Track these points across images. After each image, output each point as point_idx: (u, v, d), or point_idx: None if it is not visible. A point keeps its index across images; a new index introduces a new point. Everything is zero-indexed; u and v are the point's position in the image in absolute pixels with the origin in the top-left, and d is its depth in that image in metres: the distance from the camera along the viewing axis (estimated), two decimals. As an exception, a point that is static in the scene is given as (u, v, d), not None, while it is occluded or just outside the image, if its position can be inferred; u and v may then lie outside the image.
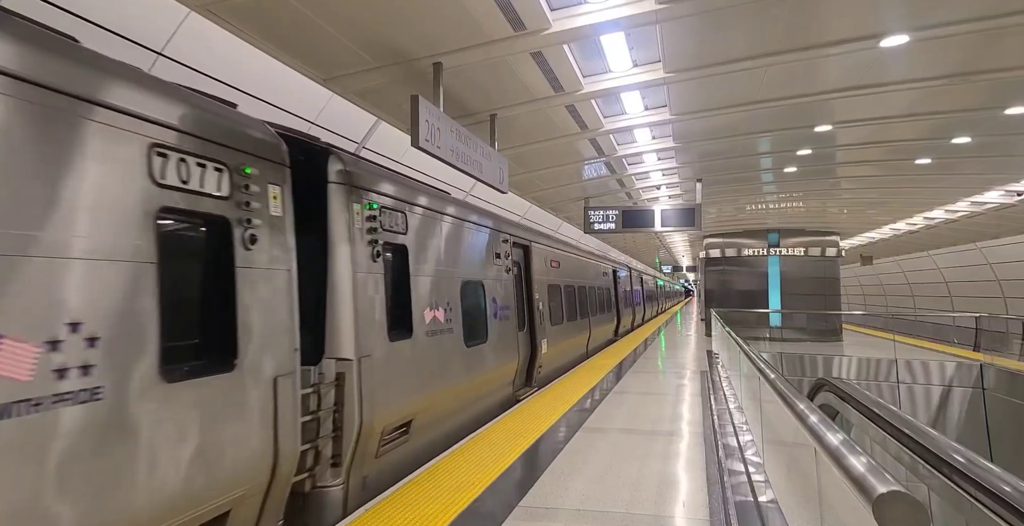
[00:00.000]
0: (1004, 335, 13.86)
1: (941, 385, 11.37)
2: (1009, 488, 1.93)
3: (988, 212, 14.84)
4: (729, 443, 5.02)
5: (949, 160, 10.44)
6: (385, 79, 5.77)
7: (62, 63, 2.26)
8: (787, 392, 2.77)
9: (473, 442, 4.99)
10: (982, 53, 5.96)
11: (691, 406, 6.70)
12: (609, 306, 15.17)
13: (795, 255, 18.15)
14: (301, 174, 3.56)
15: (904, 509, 1.24)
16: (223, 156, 2.93)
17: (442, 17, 4.81)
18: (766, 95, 7.19)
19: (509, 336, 7.00)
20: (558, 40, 5.35)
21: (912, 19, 5.24)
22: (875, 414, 3.53)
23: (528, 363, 7.99)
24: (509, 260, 7.22)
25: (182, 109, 2.74)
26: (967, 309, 20.81)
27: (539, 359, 8.12)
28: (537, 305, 8.29)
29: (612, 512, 3.48)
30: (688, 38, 5.67)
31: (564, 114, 7.61)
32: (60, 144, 2.20)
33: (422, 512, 3.46)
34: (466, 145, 5.83)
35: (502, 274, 6.95)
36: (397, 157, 8.21)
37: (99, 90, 2.36)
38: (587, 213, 11.36)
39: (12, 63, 2.06)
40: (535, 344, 8.08)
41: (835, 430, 1.93)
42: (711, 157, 10.50)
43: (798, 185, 13.21)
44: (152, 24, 4.40)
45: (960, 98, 7.34)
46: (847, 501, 1.58)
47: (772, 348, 14.30)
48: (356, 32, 4.93)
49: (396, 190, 4.58)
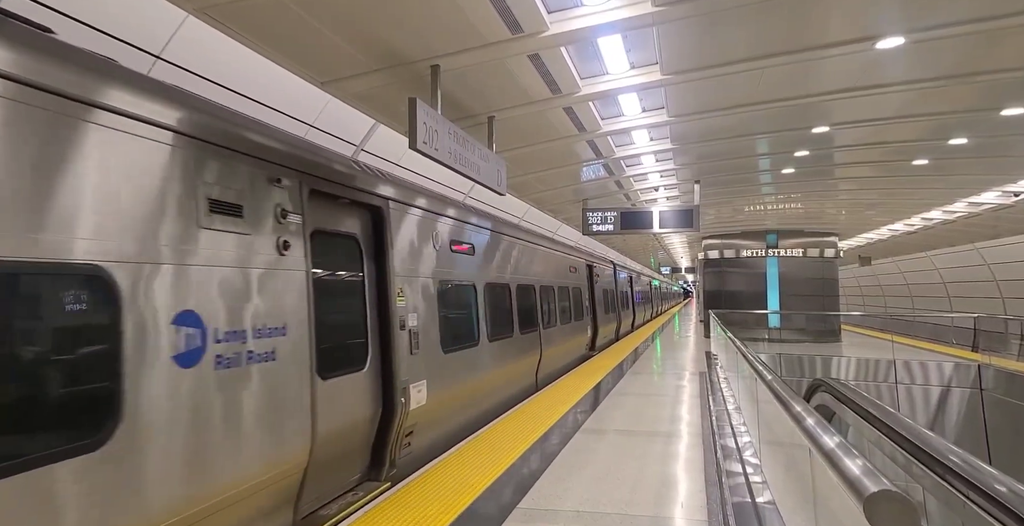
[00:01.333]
0: (1003, 335, 13.89)
1: (939, 386, 11.39)
2: (1003, 488, 1.94)
3: (985, 213, 14.88)
4: (727, 444, 5.02)
5: (946, 161, 10.48)
6: (383, 82, 5.79)
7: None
8: (783, 394, 2.78)
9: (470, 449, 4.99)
10: (978, 55, 5.99)
11: (690, 407, 6.71)
12: (581, 312, 12.12)
13: (794, 256, 18.19)
14: None
15: (894, 508, 1.25)
16: None
17: (439, 20, 4.82)
18: (763, 97, 7.21)
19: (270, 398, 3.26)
20: (555, 42, 5.37)
21: (908, 21, 5.27)
22: (870, 415, 3.54)
23: (377, 436, 4.45)
24: (296, 222, 3.59)
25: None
26: (965, 309, 20.84)
27: (398, 425, 4.49)
28: (399, 320, 4.61)
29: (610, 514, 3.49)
30: (685, 40, 5.70)
31: (562, 116, 7.63)
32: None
33: (422, 513, 3.47)
34: (464, 147, 5.85)
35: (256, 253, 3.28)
36: (395, 160, 8.23)
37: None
38: (585, 215, 11.38)
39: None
40: (389, 397, 4.47)
41: (831, 432, 1.95)
42: (709, 158, 10.52)
43: (796, 186, 13.24)
44: (150, 27, 4.42)
45: (957, 99, 7.37)
46: (843, 502, 1.59)
47: (771, 349, 14.31)
48: (354, 35, 4.95)
49: None
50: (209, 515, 2.78)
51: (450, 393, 5.46)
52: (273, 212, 3.38)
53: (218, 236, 2.99)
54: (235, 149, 3.17)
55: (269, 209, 3.36)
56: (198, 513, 2.71)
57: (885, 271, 29.35)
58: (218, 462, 2.84)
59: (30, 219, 2.18)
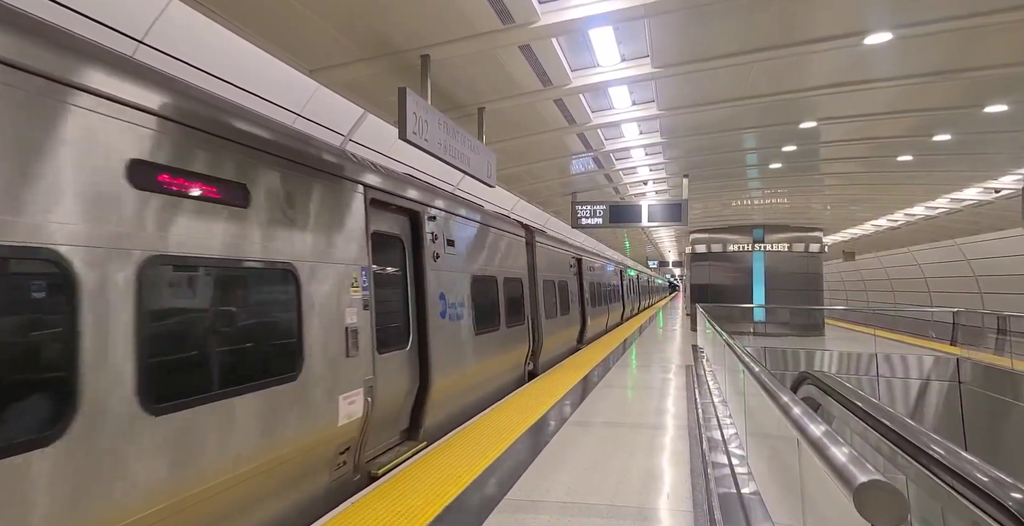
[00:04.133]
0: (980, 329, 14.18)
1: (919, 379, 11.62)
2: (984, 477, 1.98)
3: (967, 209, 15.13)
4: (713, 436, 5.08)
5: (930, 157, 10.62)
6: (372, 71, 5.71)
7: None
8: (771, 385, 2.81)
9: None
10: (963, 51, 6.05)
11: (676, 400, 6.77)
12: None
13: (779, 251, 18.39)
14: None
15: (884, 497, 1.27)
16: None
17: (430, 9, 4.76)
18: (752, 91, 7.24)
19: None
20: (547, 33, 5.33)
21: (895, 16, 5.30)
22: (856, 406, 3.59)
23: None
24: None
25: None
26: (945, 304, 21.24)
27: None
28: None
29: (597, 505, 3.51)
30: (676, 33, 5.69)
31: (552, 108, 7.60)
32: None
33: (408, 504, 3.46)
34: (454, 138, 5.80)
35: None
36: (384, 150, 8.15)
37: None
38: (575, 208, 11.38)
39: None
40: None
41: (818, 422, 1.97)
42: (698, 153, 10.56)
43: (783, 181, 13.35)
44: (133, 10, 4.31)
45: (941, 96, 7.46)
46: (828, 491, 1.61)
47: (756, 343, 14.49)
48: (343, 22, 4.87)
49: None
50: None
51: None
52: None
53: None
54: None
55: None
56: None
57: (868, 266, 29.80)
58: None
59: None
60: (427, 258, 5.58)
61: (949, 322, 15.17)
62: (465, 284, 6.40)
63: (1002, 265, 19.55)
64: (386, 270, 5.10)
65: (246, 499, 3.19)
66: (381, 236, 4.99)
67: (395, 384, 4.96)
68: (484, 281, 7.07)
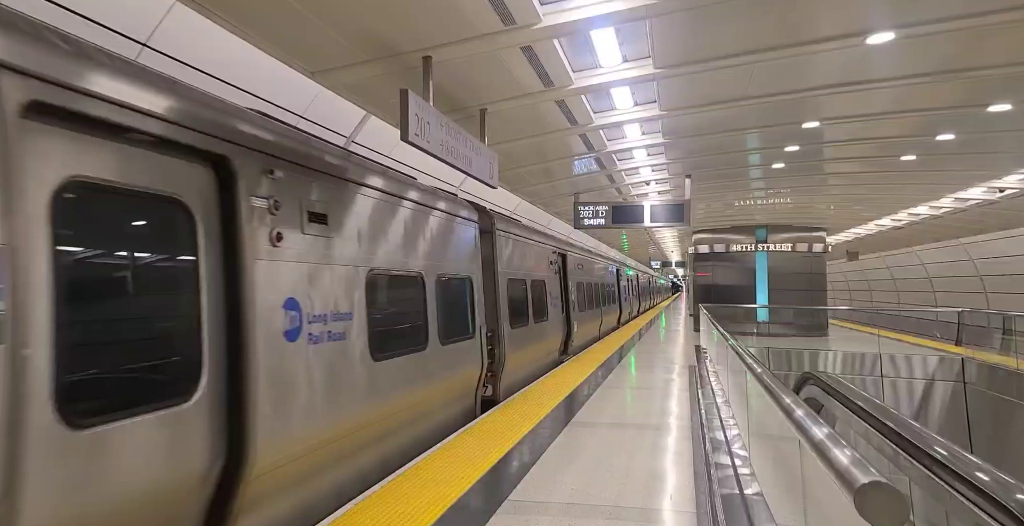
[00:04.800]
0: (985, 329, 14.10)
1: (924, 379, 11.57)
2: (987, 478, 1.97)
3: (971, 208, 15.08)
4: (716, 437, 5.07)
5: (933, 157, 10.59)
6: (374, 73, 5.73)
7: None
8: (774, 386, 2.80)
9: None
10: (966, 51, 6.04)
11: (679, 401, 6.76)
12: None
13: (782, 251, 18.34)
14: None
15: (885, 499, 1.27)
16: None
17: (431, 10, 4.78)
18: (754, 91, 7.23)
19: None
20: (548, 35, 5.34)
21: (898, 16, 5.30)
22: (859, 407, 3.58)
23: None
24: None
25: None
26: (950, 304, 21.15)
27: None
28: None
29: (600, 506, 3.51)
30: (678, 34, 5.69)
31: (554, 109, 7.61)
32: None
33: (412, 505, 3.47)
34: (456, 140, 5.81)
35: None
36: (386, 152, 8.16)
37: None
38: (577, 208, 11.38)
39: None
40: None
41: (820, 424, 1.96)
42: (700, 153, 10.56)
43: (786, 181, 13.33)
44: (137, 14, 4.33)
45: (944, 95, 7.44)
46: (830, 493, 1.61)
47: (759, 343, 14.44)
48: (345, 25, 4.89)
49: None
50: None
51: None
52: None
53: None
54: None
55: None
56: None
57: (872, 266, 29.70)
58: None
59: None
60: (253, 240, 3.12)
61: (954, 322, 15.10)
62: (354, 285, 4.10)
63: (1007, 265, 19.47)
64: (124, 261, 2.68)
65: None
66: (98, 191, 2.38)
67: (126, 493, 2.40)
68: (397, 281, 4.91)
